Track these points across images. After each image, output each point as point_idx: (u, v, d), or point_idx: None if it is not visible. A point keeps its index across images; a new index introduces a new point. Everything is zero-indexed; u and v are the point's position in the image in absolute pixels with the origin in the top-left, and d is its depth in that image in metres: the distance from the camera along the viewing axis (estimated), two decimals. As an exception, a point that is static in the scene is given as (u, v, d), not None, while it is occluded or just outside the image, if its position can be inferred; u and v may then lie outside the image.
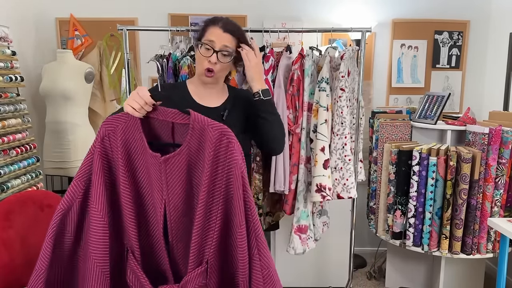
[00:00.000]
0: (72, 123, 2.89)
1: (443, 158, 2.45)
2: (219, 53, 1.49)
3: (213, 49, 1.48)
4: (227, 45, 1.50)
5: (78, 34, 3.20)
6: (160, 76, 2.32)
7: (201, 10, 3.20)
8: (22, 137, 2.42)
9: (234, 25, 1.54)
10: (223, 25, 1.51)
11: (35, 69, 3.11)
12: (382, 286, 3.08)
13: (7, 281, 1.70)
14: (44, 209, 1.91)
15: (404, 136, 2.80)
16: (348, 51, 2.26)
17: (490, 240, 2.50)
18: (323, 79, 2.21)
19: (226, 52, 1.50)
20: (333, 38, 3.19)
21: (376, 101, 3.43)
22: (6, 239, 1.71)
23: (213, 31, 1.50)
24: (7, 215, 1.75)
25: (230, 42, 1.51)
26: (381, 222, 2.78)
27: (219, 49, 1.49)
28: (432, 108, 2.80)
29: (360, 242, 3.48)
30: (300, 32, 2.40)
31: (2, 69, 2.35)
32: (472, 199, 2.45)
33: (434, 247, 2.54)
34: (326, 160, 2.22)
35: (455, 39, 3.37)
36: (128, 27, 2.30)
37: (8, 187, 2.24)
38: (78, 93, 2.89)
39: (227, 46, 1.50)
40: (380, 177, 2.79)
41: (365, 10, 3.29)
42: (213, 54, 1.48)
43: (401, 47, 3.37)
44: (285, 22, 3.23)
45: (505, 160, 2.41)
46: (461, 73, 3.42)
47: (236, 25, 1.56)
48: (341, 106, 2.24)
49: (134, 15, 3.22)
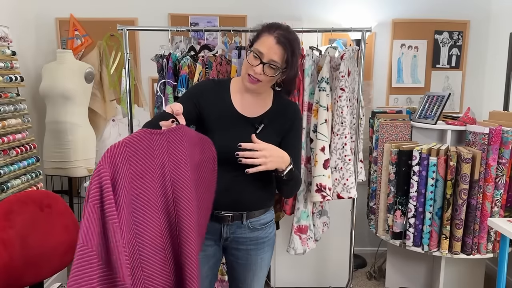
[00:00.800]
0: (72, 123, 2.88)
1: (443, 158, 2.44)
2: (266, 66, 1.42)
3: (261, 60, 1.42)
4: (275, 60, 1.42)
5: (78, 34, 3.19)
6: (160, 76, 2.32)
7: (201, 10, 3.20)
8: (22, 137, 2.42)
9: (289, 37, 1.44)
10: (278, 36, 1.41)
11: (35, 69, 3.10)
12: (382, 286, 3.07)
13: (7, 281, 1.69)
14: (44, 209, 1.91)
15: (404, 136, 2.79)
16: (348, 51, 2.26)
17: (490, 240, 2.50)
18: (323, 79, 2.21)
19: (273, 66, 1.43)
20: (333, 38, 3.19)
21: (376, 101, 3.43)
22: (6, 239, 1.70)
23: (265, 40, 1.42)
24: (7, 215, 1.75)
25: (279, 56, 1.42)
26: (381, 222, 2.78)
27: (266, 62, 1.42)
28: (432, 108, 2.80)
29: (360, 242, 3.48)
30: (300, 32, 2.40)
31: (2, 69, 2.35)
32: (472, 199, 2.45)
33: (434, 247, 2.54)
34: (326, 160, 2.22)
35: (455, 39, 3.37)
36: (128, 27, 2.30)
37: (8, 187, 2.24)
38: (78, 93, 2.89)
39: (275, 61, 1.42)
40: (380, 177, 2.78)
41: (365, 10, 3.29)
42: (259, 65, 1.42)
43: (401, 47, 3.37)
44: (285, 22, 3.22)
45: (505, 160, 2.41)
46: (461, 73, 3.42)
47: (292, 37, 1.45)
48: (341, 106, 2.24)
49: (134, 15, 3.22)
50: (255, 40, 1.46)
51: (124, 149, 1.05)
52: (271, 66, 1.43)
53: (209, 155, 1.33)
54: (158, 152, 1.14)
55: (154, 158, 1.12)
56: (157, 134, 1.14)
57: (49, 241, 1.88)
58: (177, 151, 1.17)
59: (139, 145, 1.10)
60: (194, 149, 1.24)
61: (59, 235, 1.93)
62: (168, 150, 1.15)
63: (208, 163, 1.34)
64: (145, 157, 1.10)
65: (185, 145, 1.19)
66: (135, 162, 1.08)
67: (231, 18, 3.21)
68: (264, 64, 1.42)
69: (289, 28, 1.47)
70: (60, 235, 1.94)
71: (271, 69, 1.44)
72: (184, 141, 1.20)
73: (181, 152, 1.18)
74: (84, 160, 2.97)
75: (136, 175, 1.07)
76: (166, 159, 1.14)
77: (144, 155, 1.10)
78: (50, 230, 1.90)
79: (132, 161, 1.07)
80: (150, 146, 1.12)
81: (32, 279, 1.81)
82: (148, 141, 1.12)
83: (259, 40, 1.44)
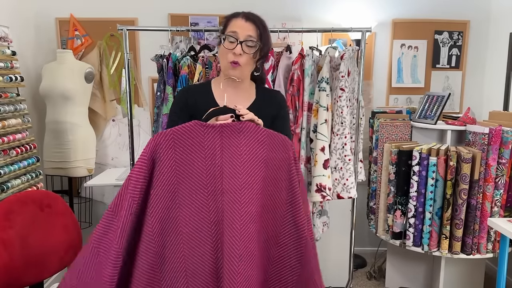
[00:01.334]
0: (72, 123, 2.89)
1: (443, 158, 2.44)
2: (243, 44, 1.44)
3: (237, 40, 1.44)
4: (251, 35, 1.46)
5: (78, 34, 3.20)
6: (160, 76, 2.32)
7: (201, 10, 3.20)
8: (22, 137, 2.42)
9: (255, 15, 1.52)
10: (245, 15, 1.49)
11: (35, 69, 3.10)
12: (382, 286, 3.07)
13: (7, 281, 1.69)
14: (44, 209, 1.91)
15: (404, 136, 2.79)
16: (348, 51, 2.26)
17: (490, 240, 2.50)
18: (323, 79, 2.21)
19: (250, 42, 1.45)
20: (333, 38, 3.19)
21: (376, 101, 3.43)
22: (6, 239, 1.70)
23: (235, 23, 1.48)
24: (7, 215, 1.75)
25: (253, 31, 1.47)
26: (381, 222, 2.78)
27: (243, 39, 1.45)
28: (432, 108, 2.80)
29: (360, 242, 3.48)
30: (300, 32, 2.40)
31: (2, 69, 2.35)
32: (472, 199, 2.45)
33: (434, 247, 2.54)
34: (326, 160, 2.22)
35: (455, 39, 3.37)
36: (128, 27, 2.30)
37: (8, 187, 2.24)
38: (78, 93, 2.89)
39: (251, 35, 1.46)
40: (380, 177, 2.78)
41: (365, 10, 3.29)
42: (237, 45, 1.44)
43: (401, 47, 3.37)
44: (285, 22, 3.23)
45: (505, 160, 2.41)
46: (461, 73, 3.42)
47: (258, 15, 1.53)
48: (341, 106, 2.24)
49: (134, 15, 3.22)
50: (224, 29, 1.50)
51: (170, 137, 1.16)
52: (248, 44, 1.45)
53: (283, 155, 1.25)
54: (208, 144, 1.19)
55: (204, 149, 1.18)
56: (209, 127, 1.20)
57: (49, 241, 1.88)
58: (231, 147, 1.19)
59: (187, 136, 1.18)
60: (258, 146, 1.21)
61: (59, 235, 1.93)
62: (221, 145, 1.19)
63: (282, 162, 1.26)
64: (193, 147, 1.17)
65: (241, 140, 1.20)
66: (181, 150, 1.17)
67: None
68: (242, 42, 1.44)
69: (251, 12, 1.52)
70: (60, 235, 1.94)
71: (249, 47, 1.46)
72: (242, 137, 1.20)
73: (237, 148, 1.19)
74: (84, 160, 2.97)
75: (182, 162, 1.16)
76: (218, 153, 1.18)
77: (192, 145, 1.17)
78: (50, 230, 1.90)
79: (178, 149, 1.16)
80: (201, 138, 1.19)
81: (32, 279, 1.81)
82: (199, 133, 1.19)
83: (229, 26, 1.49)
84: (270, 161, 1.22)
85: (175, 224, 1.17)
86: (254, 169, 1.19)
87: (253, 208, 1.16)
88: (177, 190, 1.17)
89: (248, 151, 1.19)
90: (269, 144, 1.23)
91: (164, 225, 1.17)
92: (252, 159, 1.19)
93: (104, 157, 3.36)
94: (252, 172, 1.18)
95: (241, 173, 1.17)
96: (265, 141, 1.23)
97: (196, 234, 1.16)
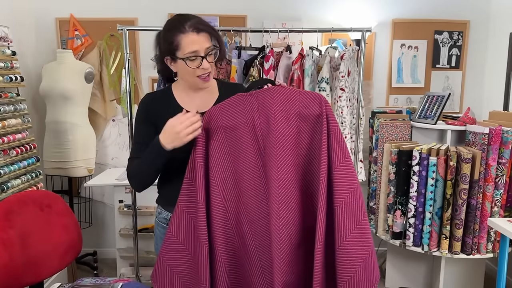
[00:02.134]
0: (72, 123, 2.89)
1: (443, 158, 2.45)
2: (207, 57, 1.40)
3: (200, 56, 1.39)
4: (208, 46, 1.41)
5: (78, 34, 3.20)
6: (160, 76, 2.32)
7: (201, 10, 3.20)
8: (22, 137, 2.42)
9: (200, 21, 1.42)
10: (194, 28, 1.38)
11: (35, 69, 3.11)
12: (382, 286, 3.08)
13: (7, 281, 1.69)
14: (44, 209, 1.91)
15: (404, 136, 2.80)
16: (348, 51, 2.26)
17: (490, 240, 2.50)
18: (323, 79, 2.21)
19: (211, 52, 1.42)
20: (333, 38, 3.19)
21: (376, 101, 3.43)
22: (6, 239, 1.70)
23: (187, 40, 1.38)
24: (7, 215, 1.75)
25: (209, 40, 1.41)
26: (381, 222, 2.78)
27: (205, 54, 1.40)
28: (432, 108, 2.80)
29: (360, 242, 3.47)
30: (300, 32, 2.40)
31: (2, 69, 2.35)
32: (472, 199, 2.45)
33: (434, 247, 2.54)
34: (326, 160, 2.22)
35: (455, 39, 3.37)
36: (128, 27, 2.30)
37: (8, 187, 2.24)
38: (78, 93, 2.89)
39: (208, 46, 1.41)
40: (380, 177, 2.79)
41: (365, 10, 3.29)
42: (203, 60, 1.40)
43: (401, 47, 3.37)
44: (285, 22, 3.23)
45: (505, 160, 2.41)
46: (461, 73, 3.42)
47: (198, 17, 1.44)
48: (341, 106, 2.24)
49: (134, 15, 3.22)
50: (174, 48, 1.40)
51: (218, 109, 1.40)
52: (210, 54, 1.42)
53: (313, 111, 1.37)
54: (248, 109, 1.38)
55: (244, 114, 1.38)
56: (247, 95, 1.39)
57: (49, 241, 1.88)
58: (266, 107, 1.36)
59: (231, 106, 1.39)
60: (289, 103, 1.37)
61: (59, 235, 1.93)
62: (258, 107, 1.37)
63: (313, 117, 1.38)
64: (236, 114, 1.39)
65: (275, 100, 1.36)
66: (227, 118, 1.39)
67: (231, 18, 3.21)
68: (205, 56, 1.41)
69: (189, 15, 1.45)
70: (60, 235, 1.94)
71: (212, 55, 1.43)
72: (275, 98, 1.36)
73: (270, 108, 1.35)
74: (84, 160, 2.97)
75: (229, 128, 1.39)
76: (256, 115, 1.37)
77: (234, 112, 1.39)
78: (50, 230, 1.90)
79: (224, 117, 1.39)
80: (241, 105, 1.39)
81: (32, 279, 1.81)
82: (239, 102, 1.39)
83: (182, 44, 1.39)
84: (303, 116, 1.37)
85: (234, 180, 1.40)
86: (286, 125, 1.35)
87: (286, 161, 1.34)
88: (229, 153, 1.39)
89: (281, 109, 1.35)
90: (301, 101, 1.37)
91: (224, 182, 1.41)
92: (284, 115, 1.35)
93: (104, 157, 3.36)
94: (285, 128, 1.35)
95: (275, 130, 1.34)
96: (297, 98, 1.37)
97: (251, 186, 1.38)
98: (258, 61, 2.38)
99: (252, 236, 1.37)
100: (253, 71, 2.32)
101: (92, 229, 3.38)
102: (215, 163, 1.39)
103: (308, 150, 1.37)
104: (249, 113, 1.38)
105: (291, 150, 1.34)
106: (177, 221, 1.42)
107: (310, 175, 1.38)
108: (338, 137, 1.34)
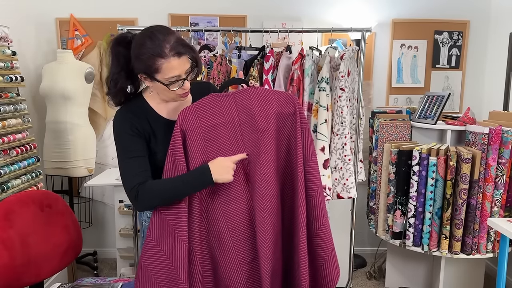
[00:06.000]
0: (72, 123, 2.89)
1: (443, 158, 2.45)
2: (187, 77, 1.39)
3: (181, 79, 1.38)
4: (187, 67, 1.38)
5: (78, 34, 3.20)
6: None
7: (201, 10, 3.20)
8: (22, 137, 2.42)
9: (179, 42, 1.37)
10: (175, 53, 1.34)
11: (35, 69, 3.11)
12: (382, 286, 3.08)
13: (7, 281, 1.70)
14: (44, 209, 1.91)
15: (404, 136, 2.80)
16: (348, 51, 2.27)
17: (490, 240, 2.50)
18: (323, 79, 2.21)
19: (191, 71, 1.40)
20: (333, 38, 3.19)
21: (376, 101, 3.43)
22: (6, 239, 1.71)
23: (168, 65, 1.34)
24: (7, 215, 1.75)
25: (188, 61, 1.38)
26: (381, 222, 2.78)
27: (186, 75, 1.38)
28: (432, 108, 2.80)
29: (360, 242, 3.48)
30: (300, 32, 2.40)
31: (2, 69, 2.35)
32: (472, 199, 2.45)
33: (434, 247, 2.54)
34: (326, 160, 2.22)
35: (455, 39, 3.37)
36: (128, 27, 2.30)
37: (8, 187, 2.24)
38: (78, 93, 2.89)
39: (187, 68, 1.38)
40: (380, 177, 2.79)
41: (365, 10, 3.29)
42: (184, 82, 1.38)
43: (401, 47, 3.37)
44: (285, 22, 3.23)
45: (505, 160, 2.41)
46: (461, 73, 3.42)
47: (175, 36, 1.37)
48: (341, 106, 2.24)
49: (134, 15, 3.22)
50: (154, 72, 1.36)
51: (194, 110, 1.41)
52: (189, 74, 1.40)
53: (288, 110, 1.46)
54: (226, 110, 1.43)
55: (223, 114, 1.43)
56: (224, 96, 1.44)
57: (49, 241, 1.88)
58: (245, 108, 1.43)
59: (208, 106, 1.42)
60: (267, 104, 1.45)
61: (59, 235, 1.93)
62: (236, 108, 1.43)
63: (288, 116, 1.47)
64: (214, 114, 1.42)
65: (253, 101, 1.43)
66: (205, 118, 1.41)
67: (231, 18, 3.21)
68: (186, 78, 1.39)
69: (166, 30, 1.37)
70: (60, 235, 1.94)
71: (191, 73, 1.41)
72: (253, 99, 1.43)
73: (250, 108, 1.43)
74: (84, 160, 2.97)
75: (208, 128, 1.41)
76: (235, 115, 1.43)
77: (213, 113, 1.42)
78: (50, 230, 1.90)
79: (202, 118, 1.41)
80: (218, 106, 1.42)
81: (32, 279, 1.81)
82: (217, 102, 1.43)
83: (162, 70, 1.34)
84: (281, 115, 1.45)
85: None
86: (267, 124, 1.42)
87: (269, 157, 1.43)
88: (207, 152, 1.42)
89: (259, 109, 1.43)
90: (277, 101, 1.45)
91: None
92: (264, 115, 1.43)
93: (104, 157, 3.36)
94: (265, 126, 1.42)
95: (257, 129, 1.42)
96: (272, 98, 1.45)
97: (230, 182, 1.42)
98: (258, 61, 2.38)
99: (229, 231, 1.43)
100: (253, 71, 2.32)
101: (92, 229, 3.38)
102: (193, 163, 1.40)
103: (287, 145, 1.48)
104: (228, 113, 1.43)
105: (273, 147, 1.43)
106: (155, 223, 1.43)
107: (287, 168, 1.48)
108: (309, 133, 1.48)
